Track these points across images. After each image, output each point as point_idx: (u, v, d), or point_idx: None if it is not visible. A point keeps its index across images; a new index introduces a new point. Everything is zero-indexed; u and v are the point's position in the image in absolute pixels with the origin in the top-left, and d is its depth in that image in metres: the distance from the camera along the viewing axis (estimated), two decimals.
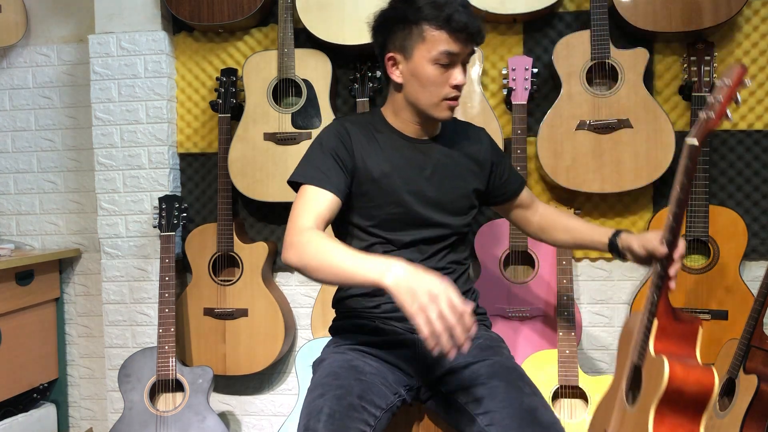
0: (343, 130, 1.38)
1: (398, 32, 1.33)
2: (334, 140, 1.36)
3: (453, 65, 1.31)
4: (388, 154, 1.39)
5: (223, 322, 2.31)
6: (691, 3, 2.01)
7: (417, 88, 1.33)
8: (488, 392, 1.26)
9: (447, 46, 1.28)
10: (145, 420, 2.14)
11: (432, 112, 1.35)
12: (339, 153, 1.35)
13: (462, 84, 1.32)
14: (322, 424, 1.15)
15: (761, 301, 1.77)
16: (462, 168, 1.46)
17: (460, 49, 1.29)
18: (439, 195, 1.41)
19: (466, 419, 1.27)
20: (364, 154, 1.38)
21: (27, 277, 2.40)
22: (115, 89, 2.40)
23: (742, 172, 2.17)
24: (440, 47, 1.28)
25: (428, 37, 1.29)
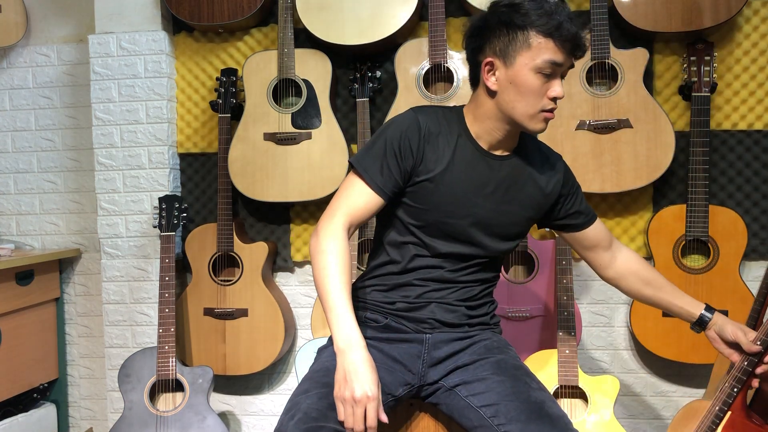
0: (415, 126, 1.32)
1: (501, 37, 1.26)
2: (401, 136, 1.31)
3: (554, 76, 1.26)
4: (454, 162, 1.33)
5: (223, 322, 2.31)
6: (691, 3, 2.01)
7: (514, 97, 1.27)
8: (493, 386, 1.27)
9: (553, 56, 1.23)
10: (145, 420, 2.14)
11: (527, 123, 1.29)
12: (402, 151, 1.30)
13: (561, 97, 1.27)
14: (294, 423, 1.15)
15: (761, 301, 1.77)
16: (525, 195, 1.39)
17: (564, 60, 1.25)
18: (490, 216, 1.36)
19: (469, 413, 1.28)
20: (429, 154, 1.32)
21: (27, 277, 2.40)
22: (115, 89, 2.40)
23: (742, 172, 2.17)
24: (546, 56, 1.23)
25: (534, 44, 1.23)
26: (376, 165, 1.30)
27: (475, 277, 1.40)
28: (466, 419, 1.29)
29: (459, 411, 1.31)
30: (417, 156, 1.31)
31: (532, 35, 1.23)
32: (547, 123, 1.31)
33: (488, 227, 1.36)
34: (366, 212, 1.31)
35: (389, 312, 1.38)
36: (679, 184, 2.18)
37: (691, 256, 2.13)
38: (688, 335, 2.07)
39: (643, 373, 2.28)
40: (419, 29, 2.28)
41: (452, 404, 1.33)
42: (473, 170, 1.34)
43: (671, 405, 2.26)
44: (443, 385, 1.36)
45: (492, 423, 1.23)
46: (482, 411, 1.25)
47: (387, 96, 2.30)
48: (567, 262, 2.06)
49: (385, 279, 1.39)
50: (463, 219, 1.34)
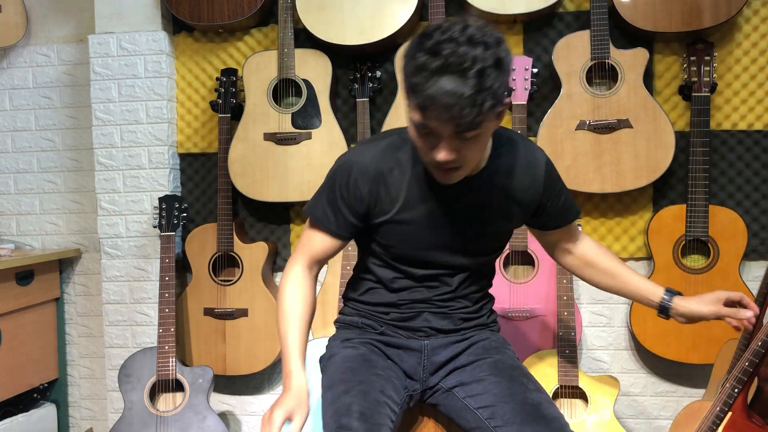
0: (365, 171, 1.24)
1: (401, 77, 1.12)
2: (351, 183, 1.25)
3: (436, 137, 1.08)
4: (411, 197, 1.26)
5: (223, 322, 2.31)
6: (691, 3, 2.01)
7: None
8: (490, 387, 1.27)
9: (418, 118, 1.07)
10: (145, 420, 2.14)
11: (430, 170, 1.18)
12: (354, 199, 1.26)
13: (441, 162, 1.09)
14: (356, 422, 1.16)
15: (761, 301, 1.77)
16: (498, 210, 1.31)
17: (434, 126, 1.06)
18: (463, 240, 1.30)
19: (466, 414, 1.28)
20: (383, 195, 1.25)
21: (27, 277, 2.40)
22: (115, 89, 2.40)
23: (742, 172, 2.17)
24: (413, 116, 1.08)
25: (409, 98, 1.08)
26: (329, 212, 1.29)
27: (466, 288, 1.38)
28: (464, 420, 1.29)
29: (457, 412, 1.31)
30: (370, 200, 1.26)
31: (406, 86, 1.07)
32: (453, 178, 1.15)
33: (463, 249, 1.32)
34: (328, 253, 1.35)
35: (384, 321, 1.39)
36: (679, 184, 2.18)
37: (691, 256, 2.13)
38: (688, 335, 2.07)
39: (643, 373, 2.28)
40: (419, 29, 2.27)
41: (450, 405, 1.33)
42: (433, 201, 1.26)
43: (671, 405, 2.26)
44: (442, 386, 1.36)
45: (489, 425, 1.22)
46: (479, 412, 1.25)
47: (387, 96, 2.30)
48: None
49: (375, 295, 1.39)
50: (434, 249, 1.31)
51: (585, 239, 1.47)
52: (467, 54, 0.99)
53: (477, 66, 0.99)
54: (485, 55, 1.00)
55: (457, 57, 0.99)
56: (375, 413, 1.18)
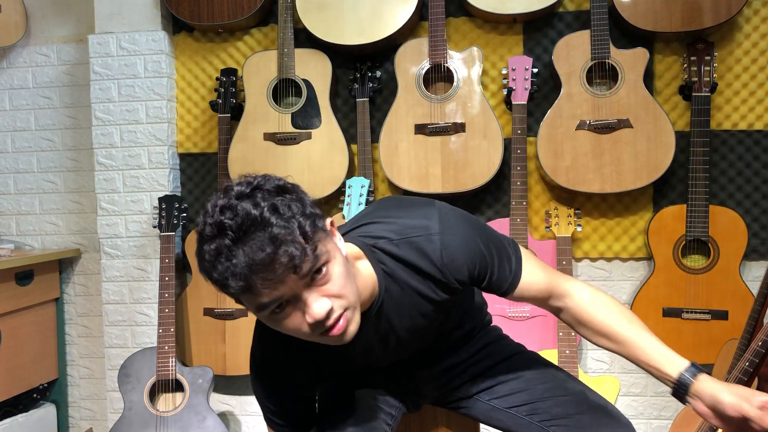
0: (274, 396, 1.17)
1: None
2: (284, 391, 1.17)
3: (292, 302, 0.90)
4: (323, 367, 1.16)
5: (223, 322, 2.30)
6: (691, 3, 2.01)
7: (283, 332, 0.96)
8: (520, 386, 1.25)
9: (254, 303, 0.88)
10: (145, 420, 2.14)
11: (327, 343, 0.97)
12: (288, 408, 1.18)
13: (320, 317, 0.88)
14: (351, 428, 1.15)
15: (761, 301, 1.77)
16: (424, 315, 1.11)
17: (274, 295, 0.87)
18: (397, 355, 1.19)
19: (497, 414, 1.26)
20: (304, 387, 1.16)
21: (27, 277, 2.40)
22: (115, 89, 2.40)
23: (742, 172, 2.17)
24: (250, 306, 0.90)
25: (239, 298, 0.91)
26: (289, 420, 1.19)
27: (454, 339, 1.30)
28: (496, 420, 1.27)
29: (485, 414, 1.29)
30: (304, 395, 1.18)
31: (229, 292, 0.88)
32: (347, 330, 0.93)
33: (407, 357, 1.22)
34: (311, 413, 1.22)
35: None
36: (679, 184, 2.18)
37: (691, 256, 2.12)
38: (688, 335, 2.07)
39: (643, 373, 2.27)
40: (419, 29, 2.28)
41: (476, 408, 1.31)
42: (350, 350, 1.08)
43: (671, 405, 2.26)
44: (457, 396, 1.33)
45: (531, 421, 1.20)
46: (513, 411, 1.23)
47: (387, 96, 2.30)
48: (567, 262, 2.06)
49: None
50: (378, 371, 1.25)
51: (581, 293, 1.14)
52: (246, 205, 0.86)
53: (266, 204, 0.86)
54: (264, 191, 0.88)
55: (244, 214, 0.85)
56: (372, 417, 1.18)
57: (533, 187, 2.25)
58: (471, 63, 2.15)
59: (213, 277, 0.87)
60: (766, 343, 1.34)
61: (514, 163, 2.10)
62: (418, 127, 2.15)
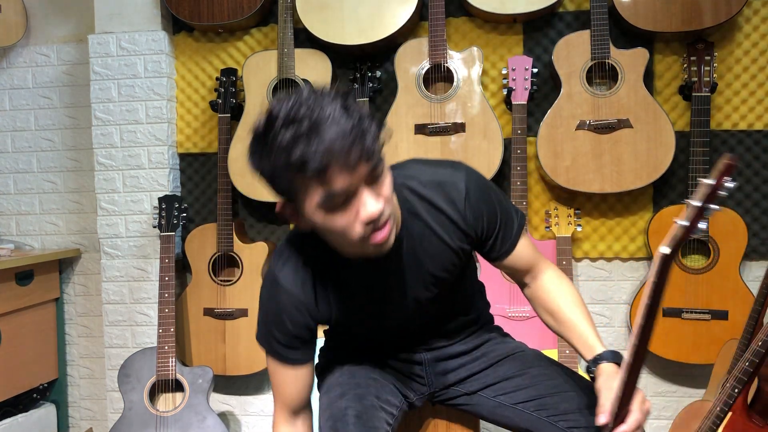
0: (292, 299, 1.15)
1: (277, 185, 1.00)
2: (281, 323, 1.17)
3: (352, 197, 0.96)
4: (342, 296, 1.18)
5: (223, 322, 2.31)
6: (691, 3, 2.01)
7: (328, 236, 1.04)
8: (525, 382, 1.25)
9: (322, 192, 0.94)
10: (145, 420, 2.14)
11: (362, 252, 1.04)
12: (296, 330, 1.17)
13: (375, 215, 0.95)
14: (351, 426, 1.15)
15: (761, 301, 1.77)
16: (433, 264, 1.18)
17: (342, 184, 0.93)
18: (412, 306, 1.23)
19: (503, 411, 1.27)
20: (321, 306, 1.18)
21: (27, 277, 2.40)
22: (114, 89, 2.40)
23: (742, 172, 2.17)
24: (316, 196, 0.94)
25: (300, 188, 0.95)
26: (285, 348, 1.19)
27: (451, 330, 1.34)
28: (502, 417, 1.28)
29: (490, 410, 1.29)
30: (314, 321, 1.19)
31: (293, 180, 0.95)
32: (387, 240, 1.01)
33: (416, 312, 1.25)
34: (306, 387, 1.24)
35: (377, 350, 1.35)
36: (679, 184, 2.18)
37: (691, 256, 2.12)
38: (688, 335, 2.07)
39: (644, 373, 2.28)
40: (419, 29, 2.28)
41: (480, 405, 1.31)
42: (363, 287, 1.17)
43: (671, 405, 2.26)
44: (461, 391, 1.33)
45: (540, 416, 1.20)
46: (520, 407, 1.23)
47: (387, 96, 2.30)
48: (567, 262, 2.06)
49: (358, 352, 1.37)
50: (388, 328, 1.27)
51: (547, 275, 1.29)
52: (319, 102, 0.92)
53: (337, 104, 0.92)
54: (332, 94, 0.94)
55: (318, 108, 0.91)
56: (371, 417, 1.17)
57: (533, 187, 2.25)
58: (471, 63, 2.15)
59: (290, 160, 0.91)
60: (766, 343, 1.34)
61: (514, 163, 2.10)
62: (418, 127, 2.15)
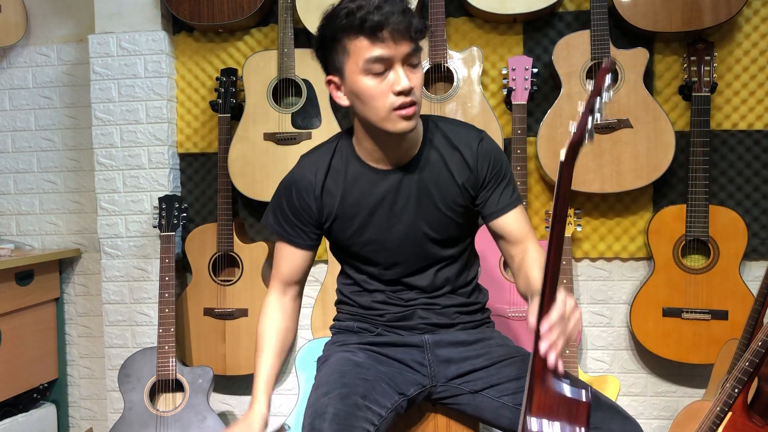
0: (305, 183, 1.32)
1: (328, 54, 1.23)
2: (290, 198, 1.33)
3: (390, 69, 1.16)
4: (350, 193, 1.31)
5: (223, 322, 2.31)
6: (691, 3, 2.01)
7: (362, 107, 1.21)
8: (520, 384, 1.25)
9: (371, 53, 1.14)
10: (145, 420, 2.14)
11: (386, 127, 1.20)
12: (297, 211, 1.33)
13: (407, 88, 1.15)
14: (327, 424, 1.15)
15: (761, 301, 1.77)
16: (442, 195, 1.30)
17: (389, 51, 1.14)
18: (412, 229, 1.31)
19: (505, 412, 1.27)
20: (326, 199, 1.32)
21: (27, 277, 2.40)
22: (115, 89, 2.40)
23: (742, 172, 2.17)
24: (365, 55, 1.14)
25: (350, 48, 1.16)
26: (287, 224, 1.34)
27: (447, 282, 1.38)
28: (503, 418, 1.28)
29: (492, 411, 1.30)
30: (317, 208, 1.32)
31: (345, 41, 1.17)
32: (412, 119, 1.19)
33: (416, 239, 1.32)
34: (299, 268, 1.39)
35: (379, 323, 1.39)
36: (679, 184, 2.18)
37: (691, 256, 2.13)
38: (688, 335, 2.07)
39: (643, 373, 2.28)
40: None
41: (483, 406, 1.31)
42: (372, 193, 1.30)
43: (671, 405, 2.26)
44: (464, 390, 1.34)
45: None
46: None
47: None
48: (567, 262, 2.06)
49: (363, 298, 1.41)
50: (385, 241, 1.32)
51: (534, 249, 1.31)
52: None
53: None
54: None
55: None
56: (350, 416, 1.17)
57: (533, 187, 2.25)
58: (471, 63, 2.15)
59: (353, 22, 1.13)
60: (766, 343, 1.34)
61: (514, 163, 2.10)
62: None
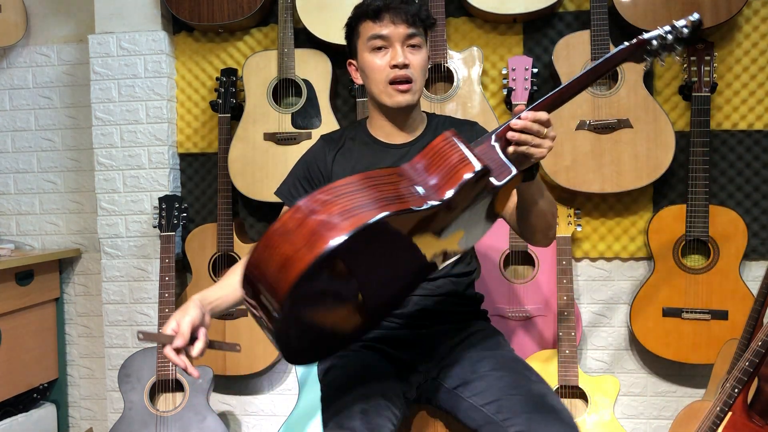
0: (321, 152, 1.47)
1: (350, 40, 1.44)
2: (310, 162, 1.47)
3: (389, 47, 1.36)
4: (358, 163, 1.44)
5: (223, 322, 2.31)
6: (690, 3, 2.01)
7: (367, 81, 1.41)
8: (494, 382, 1.27)
9: (372, 30, 1.35)
10: (145, 420, 2.14)
11: (384, 100, 1.38)
12: (313, 174, 1.45)
13: (401, 62, 1.34)
14: (359, 422, 1.16)
15: (761, 301, 1.77)
16: None
17: (387, 30, 1.34)
18: None
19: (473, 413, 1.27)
20: (337, 169, 1.44)
21: (27, 277, 2.40)
22: (115, 89, 2.40)
23: (742, 172, 2.17)
24: (368, 33, 1.36)
25: (361, 30, 1.38)
26: (297, 191, 1.45)
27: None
28: (471, 420, 1.28)
29: (463, 412, 1.31)
30: (326, 176, 1.44)
31: (358, 25, 1.40)
32: (407, 93, 1.37)
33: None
34: None
35: None
36: (679, 184, 2.18)
37: (691, 256, 2.13)
38: (688, 335, 2.07)
39: (643, 373, 2.28)
40: None
41: (456, 405, 1.32)
42: (379, 164, 1.41)
43: (671, 405, 2.26)
44: (444, 386, 1.35)
45: (496, 419, 1.22)
46: (486, 409, 1.25)
47: None
48: (567, 262, 2.06)
49: None
50: None
51: None
52: None
53: None
54: None
55: None
56: (376, 414, 1.18)
57: None
58: (471, 63, 2.15)
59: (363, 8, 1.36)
60: (766, 343, 1.34)
61: None
62: None
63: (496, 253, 2.15)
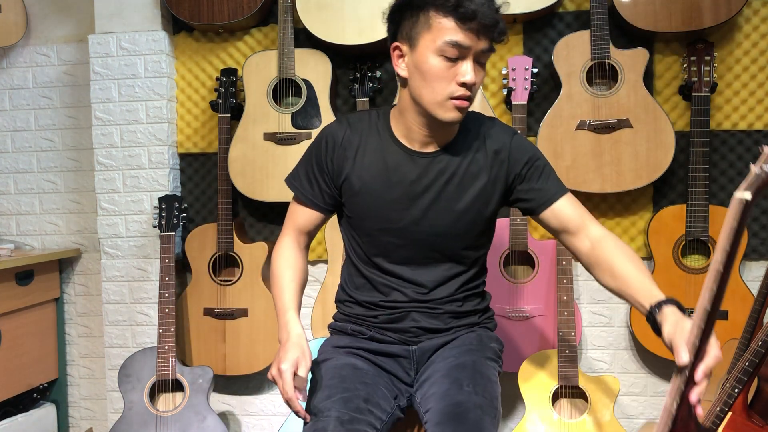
0: (333, 139, 1.33)
1: (406, 20, 1.21)
2: (323, 147, 1.33)
3: (462, 59, 1.17)
4: (375, 166, 1.30)
5: (223, 322, 2.31)
6: (691, 3, 2.01)
7: (420, 83, 1.21)
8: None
9: (453, 36, 1.15)
10: (145, 420, 2.14)
11: (436, 111, 1.21)
12: (325, 163, 1.34)
13: (471, 83, 1.17)
14: (332, 427, 1.15)
15: (761, 301, 1.77)
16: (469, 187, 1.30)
17: (469, 42, 1.16)
18: (431, 216, 1.30)
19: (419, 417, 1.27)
20: (350, 163, 1.31)
21: (27, 277, 2.40)
22: (115, 89, 2.40)
23: (742, 172, 2.17)
24: (446, 36, 1.15)
25: (434, 24, 1.16)
26: (304, 180, 1.37)
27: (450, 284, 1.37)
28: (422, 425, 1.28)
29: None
30: (338, 166, 1.33)
31: (432, 15, 1.16)
32: (463, 111, 1.22)
33: (432, 228, 1.31)
34: (310, 224, 1.42)
35: (373, 325, 1.39)
36: (679, 184, 2.18)
37: (691, 256, 2.13)
38: None
39: (643, 373, 2.28)
40: None
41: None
42: (398, 172, 1.30)
43: None
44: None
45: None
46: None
47: (387, 96, 2.30)
48: (567, 262, 2.06)
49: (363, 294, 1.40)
50: (399, 223, 1.31)
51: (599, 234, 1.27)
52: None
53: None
54: None
55: None
56: (353, 420, 1.17)
57: None
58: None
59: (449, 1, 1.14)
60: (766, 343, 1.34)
61: None
62: None
63: (496, 253, 2.15)
